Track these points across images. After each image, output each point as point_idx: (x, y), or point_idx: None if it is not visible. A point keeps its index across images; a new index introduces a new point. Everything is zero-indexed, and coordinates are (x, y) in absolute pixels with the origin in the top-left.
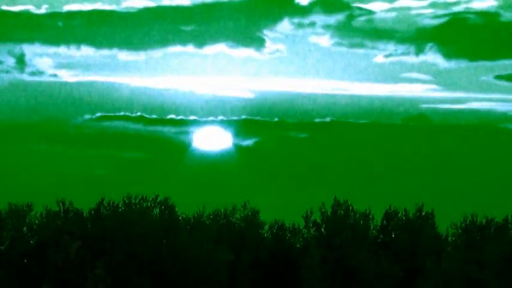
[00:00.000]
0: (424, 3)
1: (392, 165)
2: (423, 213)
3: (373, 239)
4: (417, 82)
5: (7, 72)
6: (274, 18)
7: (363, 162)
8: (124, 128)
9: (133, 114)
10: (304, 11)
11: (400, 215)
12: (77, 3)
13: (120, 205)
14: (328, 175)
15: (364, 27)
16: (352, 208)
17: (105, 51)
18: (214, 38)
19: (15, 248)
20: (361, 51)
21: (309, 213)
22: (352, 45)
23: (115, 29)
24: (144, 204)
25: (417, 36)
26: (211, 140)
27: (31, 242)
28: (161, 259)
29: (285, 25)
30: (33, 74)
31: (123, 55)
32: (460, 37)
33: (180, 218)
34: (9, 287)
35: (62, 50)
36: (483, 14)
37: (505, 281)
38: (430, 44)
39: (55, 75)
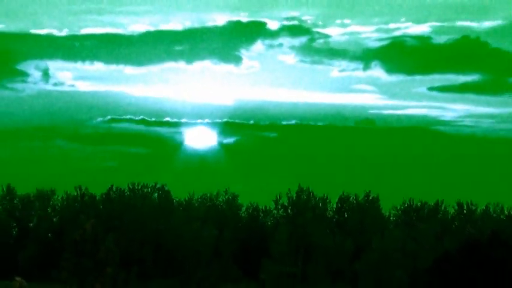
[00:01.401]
0: (371, 29)
1: (346, 159)
2: (370, 198)
3: (330, 219)
4: (365, 92)
5: (34, 83)
6: (249, 41)
7: (322, 157)
8: (129, 129)
9: (137, 118)
10: (273, 34)
11: (351, 199)
12: (90, 27)
13: (126, 191)
14: (294, 167)
15: (322, 48)
16: (312, 194)
17: (113, 66)
18: (201, 56)
19: (41, 225)
20: (320, 67)
21: (278, 197)
22: (312, 62)
23: (121, 48)
24: (145, 190)
25: (365, 55)
26: (200, 138)
27: (54, 220)
28: (159, 234)
29: (258, 46)
30: (55, 84)
31: (128, 69)
32: (399, 56)
33: (174, 201)
34: (37, 257)
35: (79, 65)
36: (418, 38)
37: (435, 253)
38: (375, 62)
39: (73, 86)
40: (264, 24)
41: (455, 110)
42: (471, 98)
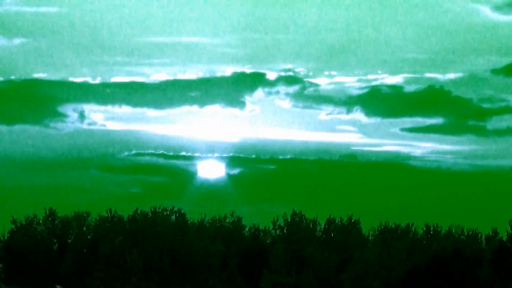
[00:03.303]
0: (353, 79)
1: (332, 188)
2: (352, 220)
3: (319, 237)
4: (348, 132)
5: (72, 123)
6: (251, 88)
7: (312, 186)
8: (151, 161)
9: (158, 152)
10: (272, 83)
11: (337, 221)
12: (120, 76)
13: (148, 213)
14: (289, 194)
15: (312, 95)
16: (304, 216)
17: (138, 109)
18: (211, 101)
19: (77, 242)
20: (310, 111)
21: (275, 219)
22: (304, 107)
23: (145, 94)
24: (165, 213)
25: (348, 101)
26: (211, 170)
27: (88, 237)
28: (176, 249)
29: (259, 93)
30: (89, 124)
31: (151, 112)
32: (376, 102)
33: (189, 222)
34: (74, 268)
35: (109, 108)
36: (392, 87)
37: (406, 266)
38: (356, 107)
39: (104, 125)
40: (264, 74)
41: (422, 148)
42: (436, 137)
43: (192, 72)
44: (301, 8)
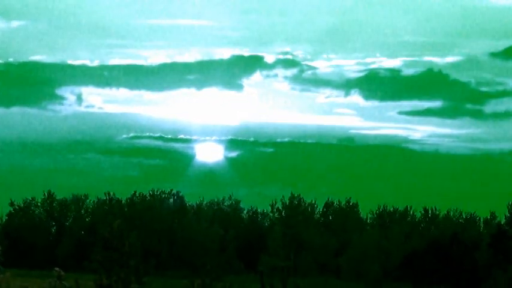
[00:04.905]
0: (351, 62)
1: (330, 171)
2: (351, 204)
3: (317, 221)
4: (346, 115)
5: (70, 105)
6: (249, 71)
7: (310, 169)
8: (149, 144)
9: (155, 135)
10: (270, 66)
11: (335, 204)
12: (118, 58)
13: (147, 196)
14: (287, 177)
15: (310, 78)
16: (302, 199)
17: (135, 92)
18: (209, 84)
19: (76, 224)
20: (308, 94)
21: (273, 202)
22: (302, 90)
23: (142, 76)
24: (163, 196)
25: (346, 84)
26: (209, 153)
27: (87, 220)
28: (174, 232)
29: (257, 76)
30: (87, 107)
31: (148, 95)
32: (374, 85)
33: (187, 205)
34: (72, 251)
35: (107, 90)
36: (390, 70)
37: (404, 250)
38: (354, 90)
39: (102, 108)
40: (262, 58)
41: (421, 131)
42: (434, 121)
43: (190, 55)
44: None
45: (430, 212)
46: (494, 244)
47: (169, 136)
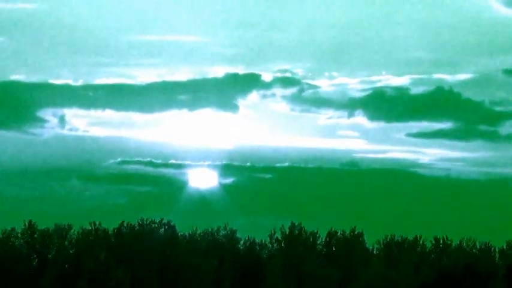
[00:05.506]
0: (355, 81)
1: (333, 198)
2: (355, 233)
3: (319, 252)
4: (349, 138)
5: (52, 128)
6: (245, 91)
7: (312, 196)
8: (138, 170)
9: (145, 160)
10: (267, 85)
11: (338, 234)
12: (103, 78)
13: (135, 225)
14: (287, 205)
15: (311, 97)
16: (304, 229)
17: (123, 113)
18: (202, 105)
19: (59, 256)
20: (309, 115)
21: (272, 232)
22: (302, 111)
23: (131, 97)
24: (153, 225)
25: (349, 104)
26: (202, 179)
27: (71, 251)
28: (165, 265)
29: (254, 96)
30: (70, 130)
31: (137, 116)
32: (380, 105)
33: (179, 235)
34: (55, 285)
35: (92, 112)
36: (397, 89)
37: (414, 283)
38: (358, 110)
39: (87, 131)
40: (258, 76)
41: (430, 154)
42: (445, 143)
43: (181, 74)
44: (299, 5)
45: (441, 241)
46: (511, 275)
47: (160, 161)
